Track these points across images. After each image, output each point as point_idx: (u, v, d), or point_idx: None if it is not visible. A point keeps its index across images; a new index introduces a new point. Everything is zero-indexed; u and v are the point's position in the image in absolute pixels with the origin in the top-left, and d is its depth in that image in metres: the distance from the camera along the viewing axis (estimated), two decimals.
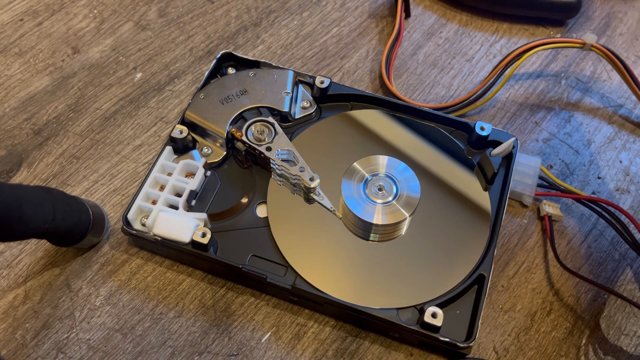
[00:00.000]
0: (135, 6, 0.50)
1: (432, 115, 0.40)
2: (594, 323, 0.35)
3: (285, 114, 0.39)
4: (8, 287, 0.36)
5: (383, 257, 0.35)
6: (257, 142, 0.37)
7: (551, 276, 0.36)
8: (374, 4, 0.50)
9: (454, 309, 0.33)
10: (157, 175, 0.37)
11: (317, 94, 0.41)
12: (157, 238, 0.35)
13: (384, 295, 0.34)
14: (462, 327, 0.33)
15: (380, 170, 0.37)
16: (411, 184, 0.37)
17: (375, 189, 0.37)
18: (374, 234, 0.36)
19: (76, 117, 0.43)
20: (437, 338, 0.32)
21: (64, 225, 0.33)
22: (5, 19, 0.48)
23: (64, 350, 0.34)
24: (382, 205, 0.36)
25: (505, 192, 0.36)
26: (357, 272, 0.35)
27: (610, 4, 0.50)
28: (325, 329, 0.35)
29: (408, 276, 0.34)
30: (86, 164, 0.41)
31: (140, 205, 0.36)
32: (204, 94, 0.40)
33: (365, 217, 0.35)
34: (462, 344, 0.31)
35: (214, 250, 0.35)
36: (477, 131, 0.38)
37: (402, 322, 0.32)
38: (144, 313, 0.35)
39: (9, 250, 0.38)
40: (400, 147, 0.39)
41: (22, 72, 0.46)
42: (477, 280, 0.34)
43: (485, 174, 0.38)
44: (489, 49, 0.47)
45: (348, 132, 0.40)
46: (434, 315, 0.32)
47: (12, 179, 0.41)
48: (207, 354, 0.34)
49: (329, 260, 0.35)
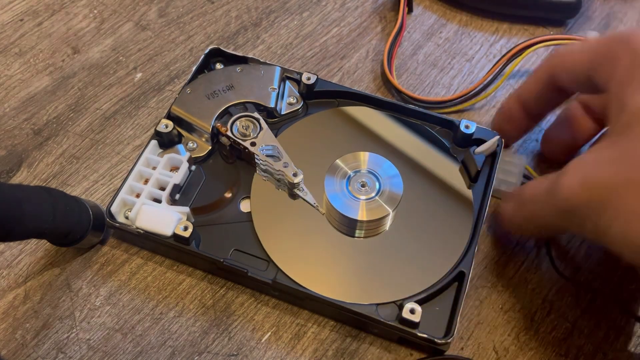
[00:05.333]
0: (135, 6, 0.50)
1: (418, 113, 0.40)
2: (593, 323, 0.35)
3: (271, 109, 0.40)
4: (8, 287, 0.36)
5: (365, 253, 0.35)
6: (242, 137, 0.38)
7: (551, 276, 0.36)
8: (374, 4, 0.50)
9: (434, 306, 0.33)
10: (141, 168, 0.37)
11: (303, 90, 0.41)
12: (140, 231, 0.35)
13: (364, 291, 0.34)
14: (442, 324, 0.33)
15: (363, 167, 0.38)
16: (394, 181, 0.37)
17: (358, 185, 0.37)
18: (356, 229, 0.36)
19: (76, 117, 0.43)
20: (415, 334, 0.32)
21: (64, 225, 0.33)
22: (5, 19, 0.49)
23: (64, 350, 0.34)
24: (364, 202, 0.36)
25: (489, 191, 0.36)
26: (339, 268, 0.35)
27: (610, 4, 0.50)
28: (325, 329, 0.35)
29: (389, 272, 0.35)
30: (86, 164, 0.41)
31: (123, 198, 0.36)
32: (190, 89, 0.40)
33: (347, 213, 0.36)
34: (440, 340, 0.31)
35: (196, 244, 0.35)
36: (461, 129, 0.38)
37: (381, 318, 0.32)
38: (144, 313, 0.35)
39: (9, 250, 0.38)
40: (385, 144, 0.40)
41: (22, 72, 0.46)
42: (457, 277, 0.34)
43: (469, 171, 0.38)
44: (489, 49, 0.47)
45: (333, 129, 0.40)
46: (412, 311, 0.32)
47: (12, 179, 0.41)
48: (207, 354, 0.34)
49: (311, 255, 0.35)
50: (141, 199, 0.36)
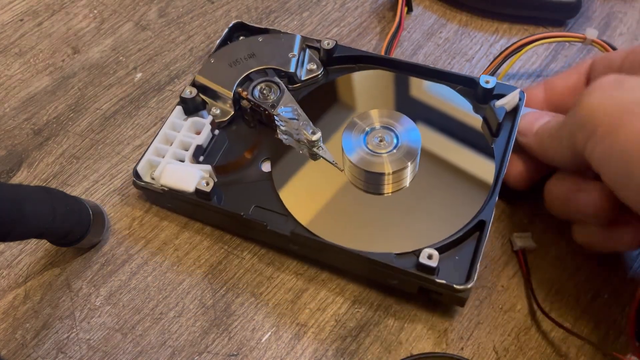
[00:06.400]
0: (135, 6, 0.50)
1: (439, 73, 0.41)
2: (593, 323, 0.35)
3: (291, 74, 0.41)
4: (8, 287, 0.36)
5: (384, 206, 0.36)
6: (263, 100, 0.39)
7: (551, 276, 0.36)
8: (374, 4, 0.50)
9: (453, 255, 0.33)
10: (167, 131, 0.39)
11: (324, 57, 0.42)
12: (164, 188, 0.36)
13: (382, 242, 0.34)
14: (462, 273, 0.33)
15: (380, 123, 0.38)
16: (412, 135, 0.37)
17: (376, 140, 0.37)
18: (375, 184, 0.36)
19: (76, 117, 0.43)
20: (434, 280, 0.32)
21: (64, 225, 0.33)
22: (6, 19, 0.49)
23: (64, 350, 0.34)
24: (382, 156, 0.37)
25: (510, 143, 0.36)
26: (357, 222, 0.35)
27: (610, 4, 0.50)
28: (325, 328, 0.35)
29: (408, 225, 0.35)
30: (86, 164, 0.41)
31: (150, 159, 0.37)
32: (213, 59, 0.41)
33: (366, 167, 0.36)
34: (459, 285, 0.31)
35: (218, 200, 0.36)
36: (481, 84, 0.38)
37: (399, 265, 0.32)
38: (144, 313, 0.35)
39: (9, 250, 0.38)
40: (405, 103, 0.40)
41: (22, 72, 0.46)
42: (478, 227, 0.34)
43: (490, 126, 0.38)
44: (488, 49, 0.47)
45: (353, 92, 0.41)
46: (430, 257, 0.32)
47: (12, 179, 0.41)
48: (207, 353, 0.34)
49: (331, 210, 0.36)
50: (165, 158, 0.37)
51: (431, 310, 0.35)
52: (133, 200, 0.40)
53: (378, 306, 0.35)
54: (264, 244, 0.38)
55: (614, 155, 0.27)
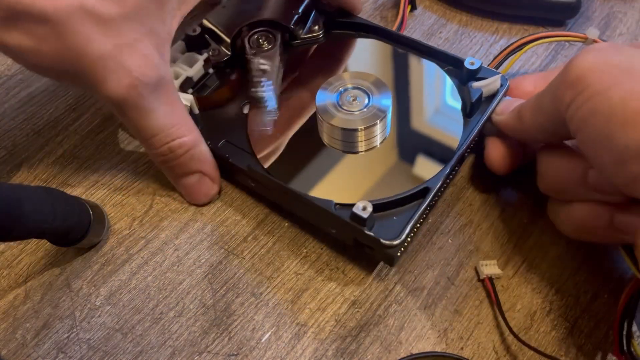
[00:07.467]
0: None
1: (430, 50, 0.42)
2: (593, 323, 0.35)
3: (291, 30, 0.43)
4: (8, 287, 0.36)
5: (344, 162, 0.38)
6: (256, 48, 0.42)
7: (551, 276, 0.36)
8: (374, 4, 0.50)
9: (393, 215, 0.34)
10: None
11: (328, 20, 0.44)
12: None
13: (328, 191, 0.36)
14: (395, 232, 0.33)
15: (353, 84, 0.39)
16: (383, 99, 0.38)
17: (348, 98, 0.39)
18: (346, 142, 0.38)
19: (76, 117, 0.44)
20: (363, 231, 0.32)
21: (64, 225, 0.33)
22: None
23: (64, 350, 0.34)
24: (352, 113, 0.38)
25: (479, 124, 0.37)
26: (312, 171, 0.37)
27: (610, 4, 0.50)
28: (325, 328, 0.35)
29: (357, 180, 0.37)
30: (86, 164, 0.41)
31: None
32: (225, 5, 0.44)
33: (336, 124, 0.37)
34: (386, 241, 0.32)
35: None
36: (466, 65, 0.39)
37: (334, 212, 0.33)
38: (144, 313, 0.35)
39: (9, 250, 0.38)
40: (389, 74, 0.42)
41: (22, 72, 0.46)
42: (422, 193, 0.35)
43: (465, 104, 0.39)
44: (488, 49, 0.47)
45: (345, 57, 0.43)
46: (364, 209, 0.32)
47: (12, 179, 0.41)
48: (207, 353, 0.34)
49: (293, 158, 0.38)
50: None
51: (431, 310, 0.35)
52: (133, 200, 0.40)
53: (378, 306, 0.35)
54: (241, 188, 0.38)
55: (598, 115, 0.27)
